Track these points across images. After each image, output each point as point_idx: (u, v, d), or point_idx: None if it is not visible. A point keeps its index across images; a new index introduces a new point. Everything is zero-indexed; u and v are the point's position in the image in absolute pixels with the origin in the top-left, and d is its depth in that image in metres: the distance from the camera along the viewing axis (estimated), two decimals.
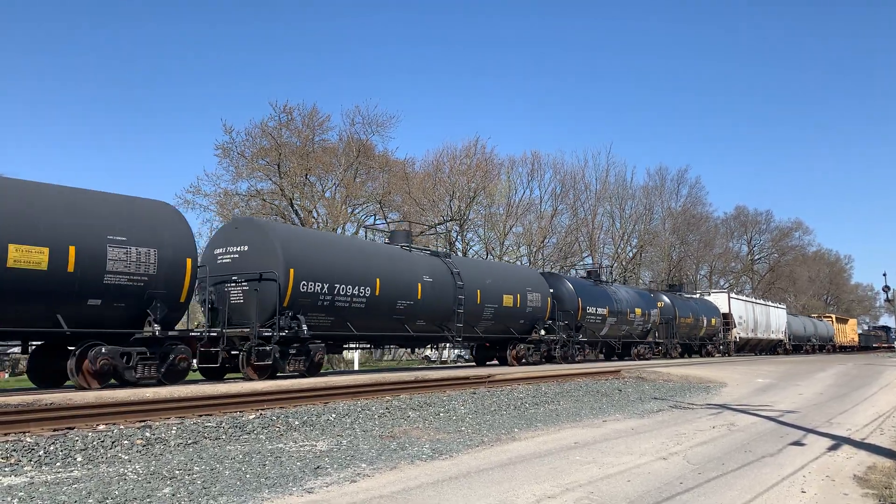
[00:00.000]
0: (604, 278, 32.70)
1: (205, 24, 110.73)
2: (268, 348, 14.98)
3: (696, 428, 10.59)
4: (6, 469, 6.99)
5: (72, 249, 11.98)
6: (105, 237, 12.48)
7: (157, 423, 9.36)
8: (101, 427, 8.95)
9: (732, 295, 46.70)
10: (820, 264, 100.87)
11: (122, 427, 9.01)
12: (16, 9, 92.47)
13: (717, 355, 41.23)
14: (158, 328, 13.05)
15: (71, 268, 11.92)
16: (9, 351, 17.24)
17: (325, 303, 16.57)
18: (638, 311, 32.00)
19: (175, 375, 13.57)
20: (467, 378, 16.05)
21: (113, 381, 12.82)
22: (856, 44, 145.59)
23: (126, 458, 7.75)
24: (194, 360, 14.38)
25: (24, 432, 8.32)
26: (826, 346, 67.62)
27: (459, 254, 42.47)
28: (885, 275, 56.20)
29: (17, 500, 5.70)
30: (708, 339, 41.10)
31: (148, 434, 8.73)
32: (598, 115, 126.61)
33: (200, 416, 10.12)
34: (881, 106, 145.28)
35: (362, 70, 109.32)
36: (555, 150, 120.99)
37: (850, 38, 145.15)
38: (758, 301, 52.52)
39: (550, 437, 9.58)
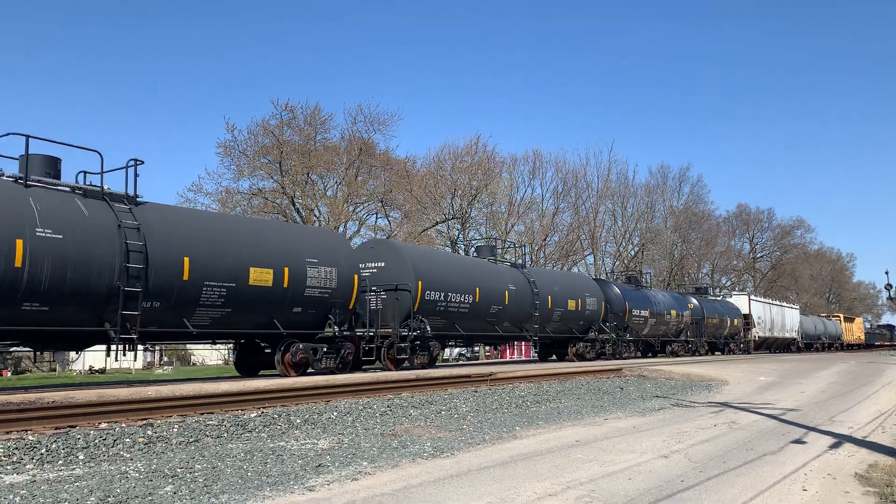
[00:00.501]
0: (644, 283, 36.93)
1: (208, 24, 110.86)
2: (404, 345, 18.72)
3: (697, 426, 10.59)
4: (8, 467, 7.01)
5: (286, 270, 15.37)
6: (305, 260, 15.89)
7: (159, 422, 9.38)
8: (103, 425, 8.97)
9: (752, 297, 49.78)
10: (822, 262, 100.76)
11: (123, 425, 9.02)
12: (17, 7, 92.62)
13: (738, 353, 43.65)
14: (337, 329, 16.44)
15: (286, 284, 15.32)
16: (11, 349, 17.87)
17: (440, 308, 20.26)
18: (673, 312, 35.28)
19: (344, 366, 16.90)
20: (469, 376, 16.06)
21: (287, 371, 15.86)
22: (857, 42, 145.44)
23: (128, 456, 7.77)
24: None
25: (27, 430, 8.34)
26: (834, 344, 70.18)
27: (461, 252, 42.54)
28: (887, 273, 56.38)
29: (19, 497, 5.71)
30: (730, 338, 43.81)
31: (150, 432, 8.74)
32: (600, 114, 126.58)
33: (202, 414, 10.13)
34: (883, 103, 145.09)
35: (364, 69, 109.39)
36: (556, 149, 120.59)
37: (852, 37, 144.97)
38: (774, 302, 55.60)
39: (552, 436, 9.58)
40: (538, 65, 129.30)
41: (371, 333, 17.97)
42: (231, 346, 20.21)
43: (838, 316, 78.81)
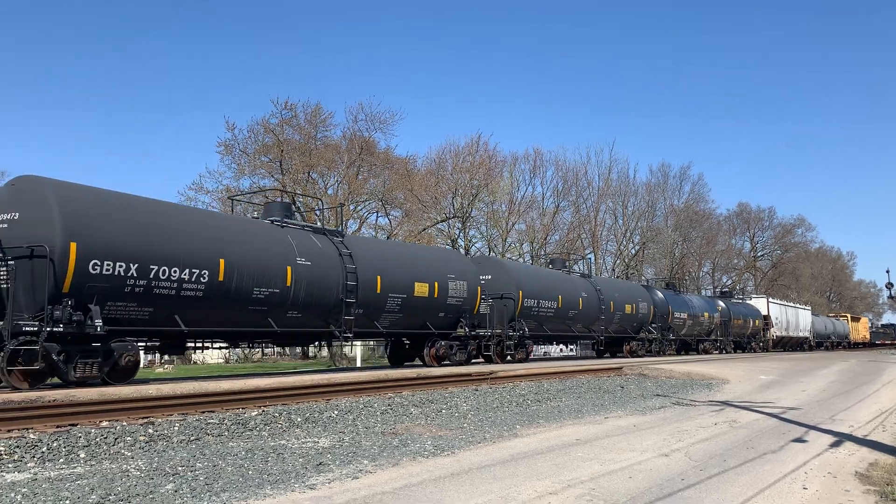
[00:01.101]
0: (680, 289, 42.44)
1: (208, 23, 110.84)
2: (510, 343, 23.08)
3: (697, 424, 10.60)
4: (10, 465, 7.02)
5: (436, 284, 19.66)
6: (447, 275, 20.26)
7: (160, 420, 9.39)
8: (105, 423, 8.98)
9: (770, 300, 53.52)
10: (823, 261, 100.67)
11: (124, 424, 9.03)
12: (18, 8, 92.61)
13: (759, 351, 47.74)
14: (467, 330, 20.89)
15: (436, 295, 19.61)
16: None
17: (534, 313, 24.67)
18: (706, 314, 39.88)
19: (469, 359, 21.31)
20: (469, 375, 16.06)
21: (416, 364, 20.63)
22: (858, 40, 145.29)
23: (129, 454, 7.78)
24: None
25: (28, 429, 8.35)
26: (842, 343, 73.60)
27: (462, 250, 42.56)
28: (888, 271, 56.30)
29: (20, 496, 5.72)
30: (752, 337, 47.90)
31: (151, 431, 8.76)
32: (601, 112, 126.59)
33: (203, 412, 10.15)
34: (883, 102, 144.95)
35: (365, 69, 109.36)
36: (557, 147, 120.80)
37: (853, 35, 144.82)
38: (789, 304, 59.76)
39: (552, 434, 9.59)
40: (539, 63, 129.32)
41: (488, 333, 22.10)
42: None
43: (846, 316, 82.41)
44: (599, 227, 58.83)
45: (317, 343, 23.73)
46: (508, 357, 23.13)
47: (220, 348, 17.73)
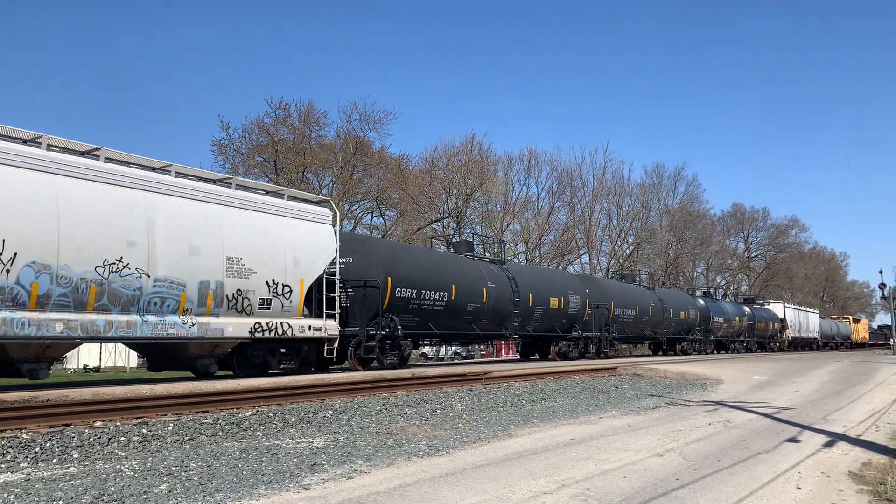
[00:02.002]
0: (716, 296, 49.64)
1: (202, 22, 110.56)
2: (605, 343, 29.24)
3: (692, 424, 10.62)
4: (2, 466, 6.98)
5: (562, 298, 26.76)
6: (568, 291, 27.33)
7: (154, 420, 9.36)
8: (98, 424, 8.95)
9: (786, 305, 60.22)
10: (816, 262, 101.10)
11: (118, 424, 9.00)
12: (11, 6, 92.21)
13: (776, 350, 53.64)
14: (580, 332, 27.97)
15: (562, 306, 26.71)
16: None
17: (620, 319, 30.74)
18: (737, 318, 46.39)
19: (581, 356, 27.98)
20: (464, 375, 16.06)
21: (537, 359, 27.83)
22: (852, 42, 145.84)
23: (123, 454, 7.75)
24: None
25: (21, 429, 8.31)
26: (845, 343, 79.72)
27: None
28: (881, 272, 57.26)
29: (13, 496, 5.70)
30: (771, 338, 53.98)
31: (144, 431, 8.73)
32: (595, 113, 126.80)
33: (197, 412, 10.12)
34: (877, 103, 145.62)
35: (359, 68, 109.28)
36: (552, 147, 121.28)
37: (847, 37, 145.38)
38: (801, 308, 65.81)
39: (547, 434, 9.59)
40: (533, 63, 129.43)
41: (593, 335, 28.37)
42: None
43: (848, 318, 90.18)
44: (594, 227, 59.05)
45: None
46: (603, 354, 29.19)
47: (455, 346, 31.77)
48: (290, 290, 15.09)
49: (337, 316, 16.46)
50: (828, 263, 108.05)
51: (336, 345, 16.36)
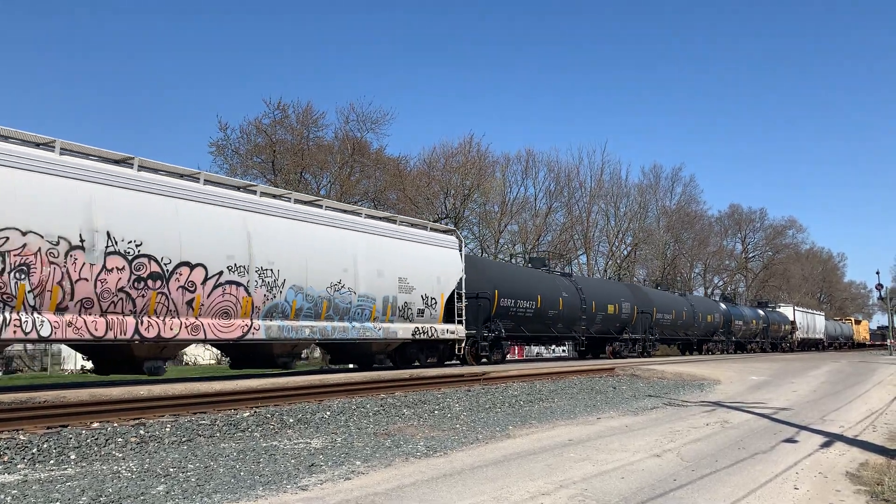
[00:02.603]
0: (736, 301, 56.60)
1: (199, 22, 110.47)
2: (648, 344, 33.46)
3: (689, 425, 10.63)
4: None
5: (617, 305, 30.89)
6: (621, 299, 31.68)
7: (152, 421, 9.34)
8: (95, 425, 8.93)
9: (796, 308, 64.30)
10: (813, 262, 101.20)
11: (116, 425, 8.98)
12: (9, 6, 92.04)
13: (787, 351, 57.56)
14: (631, 335, 32.16)
15: (616, 312, 30.79)
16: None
17: (660, 323, 35.53)
18: (754, 321, 51.35)
19: (639, 354, 32.53)
20: (462, 376, 16.05)
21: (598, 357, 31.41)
22: (850, 43, 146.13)
23: (120, 455, 7.74)
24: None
25: (18, 430, 8.28)
26: (847, 343, 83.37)
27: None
28: (878, 273, 57.48)
29: (10, 497, 5.68)
30: (783, 339, 58.82)
31: (142, 432, 8.71)
32: (593, 114, 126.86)
33: (195, 413, 10.09)
34: (874, 104, 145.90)
35: (357, 69, 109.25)
36: (549, 148, 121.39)
37: (844, 38, 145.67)
38: (808, 311, 70.47)
39: (545, 435, 9.60)
40: (531, 64, 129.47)
41: (639, 337, 33.02)
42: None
43: (850, 319, 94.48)
44: (591, 227, 59.01)
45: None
46: (647, 353, 33.52)
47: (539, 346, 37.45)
48: (436, 302, 19.49)
49: (464, 321, 20.51)
50: (825, 264, 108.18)
51: (464, 344, 20.79)
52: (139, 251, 12.30)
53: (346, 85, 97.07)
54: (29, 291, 10.83)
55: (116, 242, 11.97)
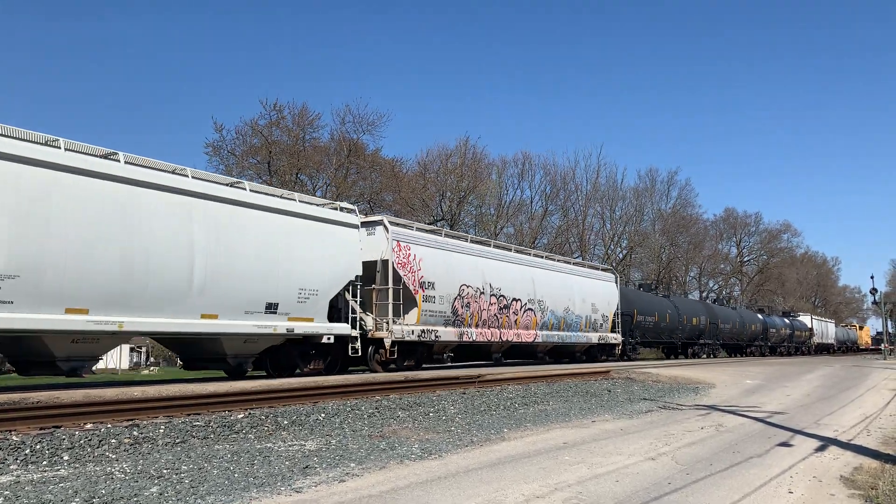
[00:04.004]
0: (764, 309, 64.98)
1: (195, 22, 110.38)
2: (708, 347, 43.23)
3: (684, 429, 10.63)
4: None
5: (697, 318, 41.50)
6: (699, 313, 42.37)
7: (145, 422, 9.30)
8: (89, 426, 8.89)
9: (813, 316, 73.67)
10: (808, 266, 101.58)
11: (109, 426, 8.94)
12: (8, 6, 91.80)
13: (807, 354, 64.81)
14: (705, 340, 42.22)
15: (696, 323, 41.12)
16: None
17: (723, 332, 46.02)
18: (783, 329, 60.45)
19: (702, 356, 42.05)
20: (457, 378, 16.03)
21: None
22: (844, 48, 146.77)
23: (113, 456, 7.70)
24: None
25: (10, 431, 8.25)
26: (853, 347, 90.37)
27: None
28: (872, 277, 56.87)
29: (2, 498, 5.65)
30: (802, 344, 66.77)
31: (136, 433, 8.67)
32: (589, 117, 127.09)
33: (189, 415, 10.06)
34: (868, 109, 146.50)
35: (353, 71, 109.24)
36: (546, 151, 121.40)
37: (839, 42, 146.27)
38: (822, 319, 79.25)
39: (540, 438, 9.59)
40: (528, 67, 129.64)
41: (709, 342, 40.74)
42: None
43: (855, 325, 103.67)
44: (587, 230, 59.10)
45: None
46: (712, 355, 41.18)
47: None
48: (607, 318, 29.89)
49: (620, 331, 30.79)
50: (819, 268, 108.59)
51: (620, 349, 31.04)
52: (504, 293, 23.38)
53: (342, 86, 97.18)
54: None
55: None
